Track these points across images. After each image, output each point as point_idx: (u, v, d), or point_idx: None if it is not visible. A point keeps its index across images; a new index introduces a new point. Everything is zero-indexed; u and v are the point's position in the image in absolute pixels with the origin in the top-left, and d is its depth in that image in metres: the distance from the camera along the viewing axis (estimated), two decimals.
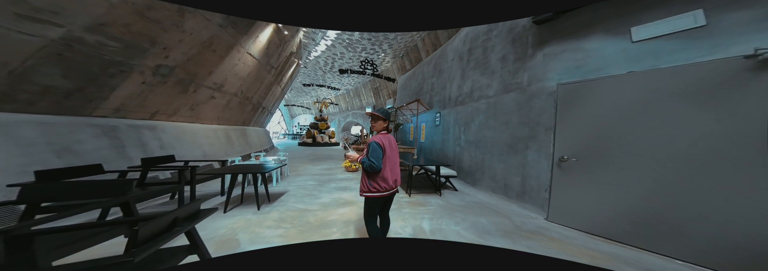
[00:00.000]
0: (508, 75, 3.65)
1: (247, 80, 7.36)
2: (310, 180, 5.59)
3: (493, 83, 4.02)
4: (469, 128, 4.85)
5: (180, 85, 4.70)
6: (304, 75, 16.40)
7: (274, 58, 8.77)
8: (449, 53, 6.72)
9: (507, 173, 3.53)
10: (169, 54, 4.11)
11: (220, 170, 3.40)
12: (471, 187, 4.57)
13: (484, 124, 4.24)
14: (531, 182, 3.03)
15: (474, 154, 4.53)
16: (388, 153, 1.80)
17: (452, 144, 5.72)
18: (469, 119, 4.84)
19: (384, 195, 1.80)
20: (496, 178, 3.80)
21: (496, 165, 3.81)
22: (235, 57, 6.21)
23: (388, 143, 1.85)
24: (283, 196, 4.20)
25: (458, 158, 5.26)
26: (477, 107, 4.53)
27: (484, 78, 4.31)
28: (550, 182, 2.75)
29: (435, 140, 7.30)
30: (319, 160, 9.17)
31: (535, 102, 3.01)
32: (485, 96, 4.25)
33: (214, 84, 5.75)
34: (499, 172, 3.73)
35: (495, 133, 3.86)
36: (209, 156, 5.54)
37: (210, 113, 6.25)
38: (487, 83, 4.22)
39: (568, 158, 2.57)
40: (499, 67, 3.92)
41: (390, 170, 1.82)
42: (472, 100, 4.77)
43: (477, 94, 4.57)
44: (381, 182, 1.76)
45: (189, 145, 5.05)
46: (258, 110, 9.93)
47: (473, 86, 4.79)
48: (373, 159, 1.70)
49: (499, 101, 3.79)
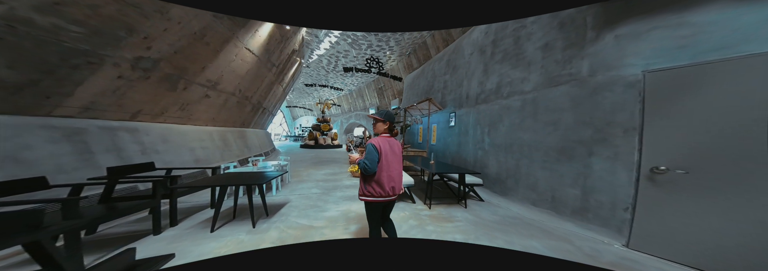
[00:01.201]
0: (554, 65, 3.01)
1: (245, 78, 6.74)
2: (314, 187, 4.96)
3: (530, 76, 3.38)
4: (495, 129, 4.20)
5: (167, 82, 4.08)
6: (306, 75, 15.81)
7: (275, 55, 8.16)
8: (466, 47, 6.08)
9: (556, 183, 2.88)
10: (152, 45, 3.49)
11: (205, 182, 2.75)
12: (500, 197, 3.92)
13: (517, 125, 3.59)
14: (598, 198, 2.38)
15: (504, 159, 3.88)
16: (389, 157, 1.72)
17: (472, 147, 5.07)
18: (496, 119, 4.19)
19: (379, 201, 1.71)
20: (537, 189, 3.15)
21: (537, 173, 3.16)
22: (232, 52, 5.60)
23: (388, 147, 1.76)
24: (284, 208, 3.56)
25: (481, 163, 4.61)
26: (507, 105, 3.88)
27: (517, 71, 3.67)
28: (633, 200, 2.09)
29: (449, 142, 6.66)
30: (323, 163, 8.54)
31: (604, 96, 2.35)
32: (519, 92, 3.60)
33: (207, 81, 5.13)
34: (542, 181, 3.08)
35: (535, 136, 3.21)
36: (202, 161, 4.91)
37: (204, 114, 5.63)
38: (521, 77, 3.58)
39: (666, 170, 1.90)
40: (538, 57, 3.28)
41: (387, 176, 1.71)
42: (500, 98, 4.13)
43: (507, 91, 3.93)
44: (376, 187, 1.69)
45: (177, 149, 4.42)
46: (258, 111, 9.32)
47: (501, 81, 4.15)
48: (368, 161, 1.64)
49: (542, 97, 3.15)
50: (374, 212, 1.74)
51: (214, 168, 3.51)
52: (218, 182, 2.64)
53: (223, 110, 6.35)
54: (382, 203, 1.75)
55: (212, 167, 3.52)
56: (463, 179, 3.69)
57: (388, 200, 1.74)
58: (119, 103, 3.48)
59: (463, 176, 3.68)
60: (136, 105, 3.76)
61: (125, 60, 3.25)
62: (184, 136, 4.73)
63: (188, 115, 5.06)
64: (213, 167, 3.52)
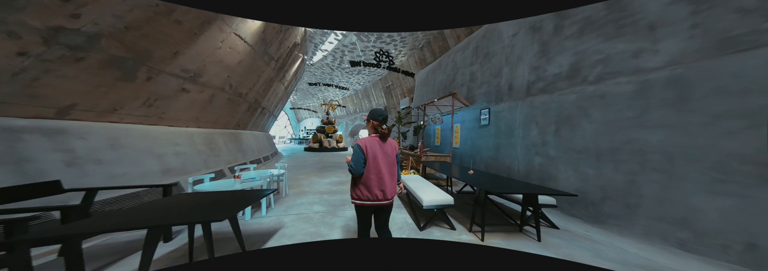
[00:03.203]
0: (733, 20, 1.74)
1: (237, 71, 5.58)
2: (317, 202, 3.78)
3: (659, 46, 2.13)
4: (571, 128, 2.97)
5: (116, 68, 2.92)
6: (310, 73, 14.67)
7: (273, 47, 7.01)
8: (504, 29, 4.86)
9: (751, 221, 1.62)
10: (82, 12, 2.33)
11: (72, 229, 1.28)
12: (587, 224, 2.67)
13: (630, 121, 2.34)
14: None
15: (596, 171, 2.64)
16: (378, 159, 1.61)
17: (522, 152, 3.83)
18: (573, 114, 2.96)
19: (367, 205, 1.62)
20: (694, 224, 1.87)
21: (692, 199, 1.89)
22: (217, 37, 4.44)
23: (378, 148, 1.63)
24: (272, 238, 2.41)
25: (540, 174, 3.37)
26: (599, 92, 2.65)
27: (621, 43, 2.43)
28: None
29: (480, 145, 5.41)
30: (327, 169, 7.34)
31: None
32: (629, 71, 2.36)
33: (184, 71, 3.97)
34: (711, 215, 1.79)
35: (688, 137, 1.92)
36: (174, 172, 3.73)
37: (183, 112, 4.46)
38: (633, 49, 2.34)
39: None
40: (680, 13, 2.02)
41: (376, 178, 1.59)
42: (580, 83, 2.89)
43: (596, 72, 2.69)
44: (364, 190, 1.60)
45: (137, 157, 3.24)
46: (257, 111, 8.16)
47: (580, 62, 2.92)
48: (353, 163, 1.57)
49: (700, 73, 1.85)
50: (362, 216, 1.66)
51: (166, 186, 2.29)
52: (127, 225, 1.30)
53: (209, 109, 5.18)
54: (371, 208, 1.65)
55: (163, 185, 2.30)
56: (534, 202, 2.45)
57: (377, 204, 1.62)
58: (31, 93, 2.31)
59: (536, 197, 2.43)
60: (65, 97, 2.59)
61: (30, 30, 2.09)
62: (149, 139, 3.55)
63: (159, 114, 3.90)
64: (165, 185, 2.30)
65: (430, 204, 2.61)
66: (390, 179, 1.65)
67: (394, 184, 1.71)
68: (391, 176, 1.65)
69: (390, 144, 1.69)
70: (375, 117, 1.65)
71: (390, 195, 1.64)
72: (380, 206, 1.64)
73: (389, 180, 1.64)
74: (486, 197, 2.54)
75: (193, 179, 2.94)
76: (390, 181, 1.65)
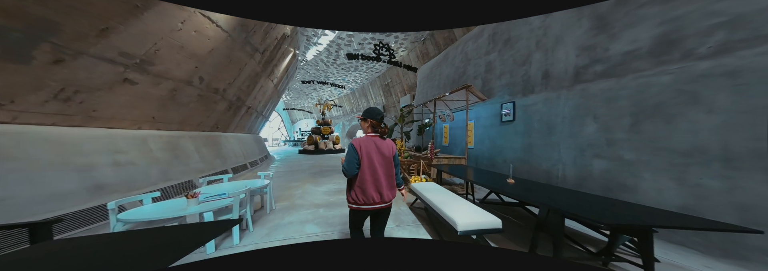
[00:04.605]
0: None
1: (208, 62, 4.56)
2: (311, 220, 2.89)
3: None
4: (663, 121, 2.04)
5: None
6: (304, 71, 13.63)
7: (257, 37, 6.00)
8: None
9: None
10: None
11: None
12: (715, 259, 1.72)
13: None
14: None
15: (728, 182, 1.71)
16: (373, 159, 1.51)
17: (568, 153, 2.90)
18: (664, 101, 2.02)
19: (363, 209, 1.53)
20: None
21: None
22: (177, 17, 3.44)
23: (375, 147, 1.54)
24: None
25: (604, 183, 2.43)
26: (719, 70, 1.72)
27: None
28: None
29: (501, 145, 4.48)
30: (323, 174, 6.36)
31: None
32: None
33: (122, 55, 2.95)
34: None
35: None
36: (106, 190, 2.72)
37: (129, 110, 3.44)
38: None
39: None
40: None
41: (372, 180, 1.51)
42: (680, 60, 1.96)
43: (713, 42, 1.76)
44: (359, 193, 1.51)
45: (37, 171, 2.23)
46: (240, 111, 7.12)
47: (672, 32, 1.98)
48: (346, 163, 1.50)
49: None
50: (356, 221, 1.60)
51: (37, 224, 1.23)
52: None
53: (171, 106, 4.15)
54: (367, 212, 1.57)
55: (30, 224, 1.24)
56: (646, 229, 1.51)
57: (373, 208, 1.54)
58: None
59: (650, 235, 1.48)
60: None
61: None
62: (63, 146, 2.53)
63: (86, 112, 2.87)
64: (34, 223, 1.24)
65: (466, 229, 1.76)
66: (387, 181, 1.57)
67: (393, 185, 1.63)
68: (388, 177, 1.58)
69: (387, 143, 1.62)
70: (373, 116, 1.60)
71: (387, 198, 1.57)
72: (377, 210, 1.56)
73: (386, 181, 1.56)
74: (562, 223, 1.60)
75: (117, 202, 1.94)
76: (387, 182, 1.57)
